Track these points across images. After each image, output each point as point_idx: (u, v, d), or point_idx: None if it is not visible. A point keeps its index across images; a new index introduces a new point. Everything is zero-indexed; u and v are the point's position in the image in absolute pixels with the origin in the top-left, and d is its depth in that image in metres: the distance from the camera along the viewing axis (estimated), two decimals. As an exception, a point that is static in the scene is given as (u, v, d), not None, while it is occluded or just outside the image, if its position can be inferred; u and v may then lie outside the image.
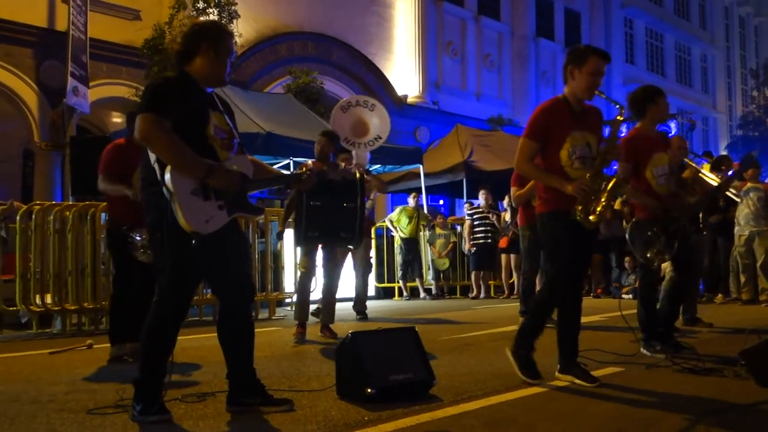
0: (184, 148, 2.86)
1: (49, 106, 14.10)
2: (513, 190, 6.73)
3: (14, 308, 7.24)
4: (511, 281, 11.35)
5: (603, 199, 3.65)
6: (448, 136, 16.24)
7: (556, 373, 3.76)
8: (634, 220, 4.78)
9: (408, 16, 21.66)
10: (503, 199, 11.97)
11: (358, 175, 5.49)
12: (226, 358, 3.19)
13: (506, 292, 11.41)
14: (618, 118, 3.85)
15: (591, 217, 3.63)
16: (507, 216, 11.29)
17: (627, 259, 10.44)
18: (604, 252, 10.87)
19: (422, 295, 11.63)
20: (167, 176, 2.85)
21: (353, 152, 8.72)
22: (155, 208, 2.97)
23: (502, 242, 11.25)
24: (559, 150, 3.69)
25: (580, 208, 3.63)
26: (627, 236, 4.78)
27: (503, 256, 11.40)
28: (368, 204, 8.18)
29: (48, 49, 13.96)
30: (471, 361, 4.63)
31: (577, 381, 3.63)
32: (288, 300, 9.21)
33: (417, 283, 11.69)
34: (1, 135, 15.28)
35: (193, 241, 2.89)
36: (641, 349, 4.66)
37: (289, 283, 8.86)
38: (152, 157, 2.96)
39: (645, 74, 30.29)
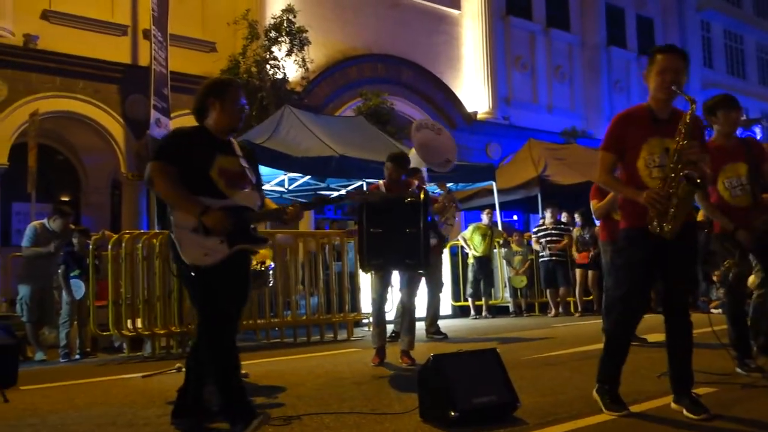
0: (181, 192, 3.28)
1: (134, 138, 14.79)
2: (593, 203, 6.58)
3: (108, 333, 7.59)
4: (590, 298, 11.07)
5: (674, 206, 3.34)
6: (521, 150, 16.06)
7: (671, 404, 3.53)
8: (712, 233, 4.58)
9: (475, 32, 21.64)
10: (579, 213, 11.77)
11: (422, 196, 5.39)
12: (186, 379, 3.53)
13: (579, 309, 11.13)
14: (689, 112, 3.47)
15: (666, 226, 3.35)
16: (583, 231, 11.07)
17: (716, 272, 10.01)
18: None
19: (484, 313, 11.49)
20: (171, 215, 3.32)
21: (423, 169, 8.75)
22: (172, 243, 3.38)
23: (582, 257, 11.00)
24: (636, 159, 3.50)
25: (654, 218, 3.38)
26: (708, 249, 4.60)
27: (578, 272, 11.16)
28: (445, 230, 8.18)
29: (132, 84, 14.66)
30: (554, 382, 4.54)
31: (685, 413, 3.37)
32: (365, 321, 9.28)
33: (482, 301, 11.56)
34: (91, 167, 16.13)
35: (192, 273, 3.27)
36: (736, 368, 4.45)
37: (366, 304, 8.92)
38: None
39: (725, 78, 29.15)
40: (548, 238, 11.33)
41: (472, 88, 21.38)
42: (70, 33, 14.25)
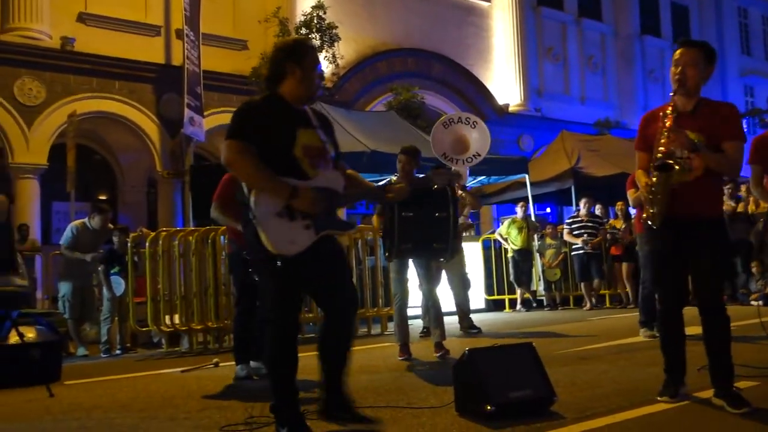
0: (266, 173, 2.93)
1: (168, 136, 15.02)
2: (630, 193, 6.52)
3: (146, 328, 7.75)
4: (627, 290, 10.96)
5: (654, 194, 3.43)
6: (554, 143, 15.91)
7: (712, 398, 3.47)
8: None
9: (506, 24, 21.46)
10: (615, 205, 11.63)
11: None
12: (320, 369, 3.20)
13: (623, 301, 11.05)
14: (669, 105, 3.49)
15: (649, 212, 3.47)
16: (619, 223, 10.94)
17: (754, 263, 9.81)
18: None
19: (518, 307, 11.47)
20: (252, 200, 2.95)
21: (452, 167, 8.69)
22: (250, 231, 3.04)
23: (615, 250, 10.89)
24: (655, 154, 3.53)
25: (647, 206, 3.51)
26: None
27: (617, 265, 11.05)
28: (461, 221, 8.12)
29: (166, 84, 14.89)
30: (591, 375, 4.51)
31: (727, 407, 3.32)
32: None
33: (517, 294, 11.54)
34: (127, 166, 16.43)
35: (278, 263, 2.94)
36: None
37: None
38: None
39: (762, 64, 28.51)
40: (583, 231, 11.21)
41: (504, 81, 21.23)
42: (105, 35, 14.54)
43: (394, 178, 5.92)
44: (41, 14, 13.86)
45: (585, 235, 11.08)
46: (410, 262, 5.68)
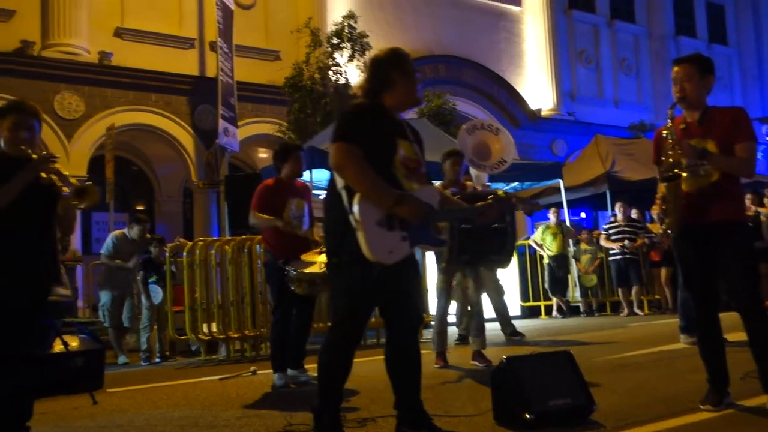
0: (375, 177, 2.90)
1: (203, 147, 15.27)
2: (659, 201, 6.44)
3: (185, 337, 7.86)
4: (658, 297, 10.82)
5: (671, 204, 3.53)
6: (588, 147, 15.75)
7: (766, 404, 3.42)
8: None
9: (537, 28, 21.35)
10: (651, 209, 11.45)
11: (501, 193, 5.36)
12: (393, 388, 3.18)
13: (662, 307, 10.89)
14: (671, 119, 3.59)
15: (666, 221, 3.59)
16: (656, 228, 10.76)
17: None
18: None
19: (554, 314, 11.36)
20: (355, 205, 2.89)
21: (472, 173, 8.66)
22: (335, 233, 3.03)
23: (655, 255, 10.73)
24: (662, 167, 3.64)
25: (666, 219, 3.59)
26: None
27: (655, 270, 10.89)
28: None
29: (200, 95, 15.14)
30: (630, 383, 4.45)
31: None
32: (433, 322, 9.27)
33: (553, 300, 11.43)
34: (163, 176, 16.74)
35: (374, 272, 2.91)
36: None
37: (433, 306, 8.91)
38: (339, 182, 3.01)
39: (803, 64, 27.80)
40: (621, 236, 11.07)
41: (536, 85, 21.10)
42: (141, 48, 14.84)
43: (439, 184, 5.90)
44: (80, 30, 14.22)
45: (625, 241, 10.92)
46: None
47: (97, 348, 5.81)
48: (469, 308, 5.94)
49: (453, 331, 7.47)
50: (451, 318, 7.27)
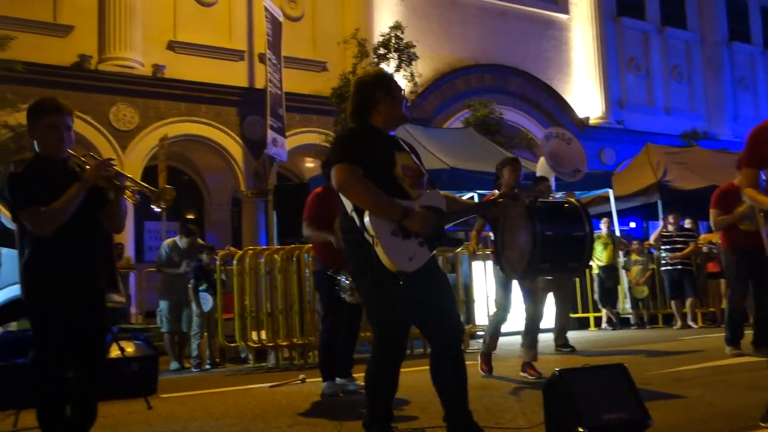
0: (379, 193, 2.97)
1: (252, 157, 15.53)
2: (713, 213, 6.30)
3: (234, 344, 7.98)
4: (712, 309, 10.53)
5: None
6: (638, 156, 15.46)
7: None
8: None
9: (585, 36, 21.11)
10: (706, 219, 11.18)
11: (573, 200, 5.28)
12: (441, 401, 3.17)
13: (717, 320, 10.60)
14: None
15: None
16: (716, 237, 10.51)
17: None
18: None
19: (603, 325, 11.16)
20: (366, 220, 2.96)
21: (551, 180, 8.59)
22: (356, 254, 3.08)
23: (713, 267, 10.47)
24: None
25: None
26: None
27: (711, 281, 10.62)
28: None
29: (249, 106, 15.43)
30: (686, 398, 4.34)
31: None
32: (480, 333, 9.22)
33: (603, 312, 11.24)
34: (213, 186, 17.07)
35: (401, 281, 2.94)
36: None
37: (480, 316, 8.88)
38: (348, 206, 3.08)
39: None
40: (672, 246, 10.83)
41: (584, 93, 20.85)
42: (193, 61, 15.22)
43: (496, 192, 5.86)
44: (134, 44, 14.66)
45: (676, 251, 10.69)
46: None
47: (152, 354, 5.95)
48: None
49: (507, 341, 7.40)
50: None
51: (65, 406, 3.34)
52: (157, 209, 3.35)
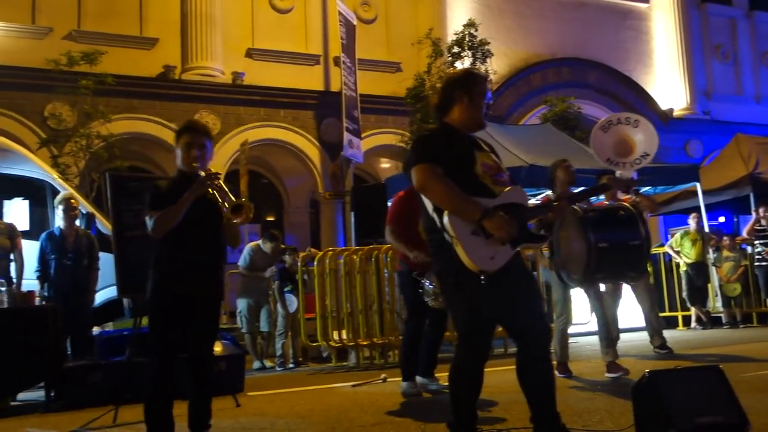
0: (459, 193, 2.95)
1: (329, 159, 15.77)
2: None
3: (316, 344, 8.14)
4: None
5: None
6: (727, 147, 14.77)
7: None
8: None
9: (668, 24, 20.34)
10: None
11: (630, 207, 5.14)
12: (528, 401, 3.13)
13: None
14: None
15: None
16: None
17: None
18: None
19: (693, 324, 10.70)
20: (445, 220, 2.94)
21: (617, 172, 8.31)
22: (440, 254, 3.07)
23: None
24: None
25: None
26: None
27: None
28: None
29: (326, 109, 15.66)
30: (787, 402, 4.13)
31: None
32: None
33: (692, 311, 10.79)
34: (291, 188, 17.42)
35: (483, 281, 2.91)
36: None
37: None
38: (429, 206, 3.08)
39: None
40: (766, 241, 10.29)
41: (667, 84, 20.10)
42: (270, 67, 15.58)
43: (550, 193, 5.78)
44: (215, 53, 15.15)
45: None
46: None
47: (238, 353, 6.14)
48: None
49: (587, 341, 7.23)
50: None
51: (172, 404, 3.54)
52: (236, 221, 3.48)
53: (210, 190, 3.53)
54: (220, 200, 3.52)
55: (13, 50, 13.23)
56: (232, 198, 3.50)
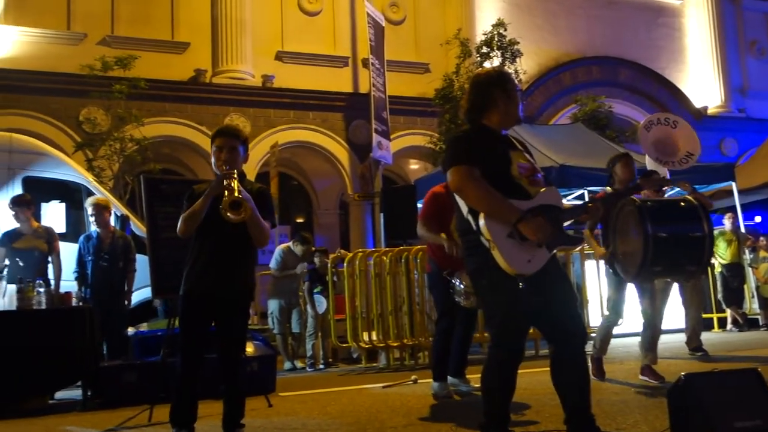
0: (495, 196, 2.94)
1: (358, 161, 15.82)
2: None
3: (346, 345, 8.16)
4: None
5: None
6: (763, 145, 14.50)
7: None
8: None
9: (701, 21, 20.01)
10: None
11: (691, 198, 4.98)
12: (562, 403, 3.11)
13: None
14: None
15: None
16: None
17: None
18: None
19: (729, 326, 10.49)
20: (481, 223, 2.93)
21: (663, 170, 8.18)
22: (474, 255, 3.05)
23: None
24: None
25: None
26: None
27: None
28: None
29: (354, 111, 15.72)
30: (828, 406, 4.02)
31: None
32: (592, 335, 8.93)
33: (727, 312, 10.58)
34: (321, 190, 17.52)
35: (521, 284, 2.90)
36: None
37: (594, 317, 8.59)
38: (464, 208, 3.07)
39: None
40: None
41: (700, 81, 19.77)
42: (300, 70, 15.70)
43: (609, 189, 5.62)
44: (245, 57, 15.31)
45: None
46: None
47: (270, 354, 6.19)
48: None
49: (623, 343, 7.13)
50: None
51: (196, 403, 3.59)
52: (233, 217, 3.44)
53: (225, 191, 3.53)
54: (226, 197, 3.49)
55: (48, 56, 13.53)
56: (235, 195, 3.46)
